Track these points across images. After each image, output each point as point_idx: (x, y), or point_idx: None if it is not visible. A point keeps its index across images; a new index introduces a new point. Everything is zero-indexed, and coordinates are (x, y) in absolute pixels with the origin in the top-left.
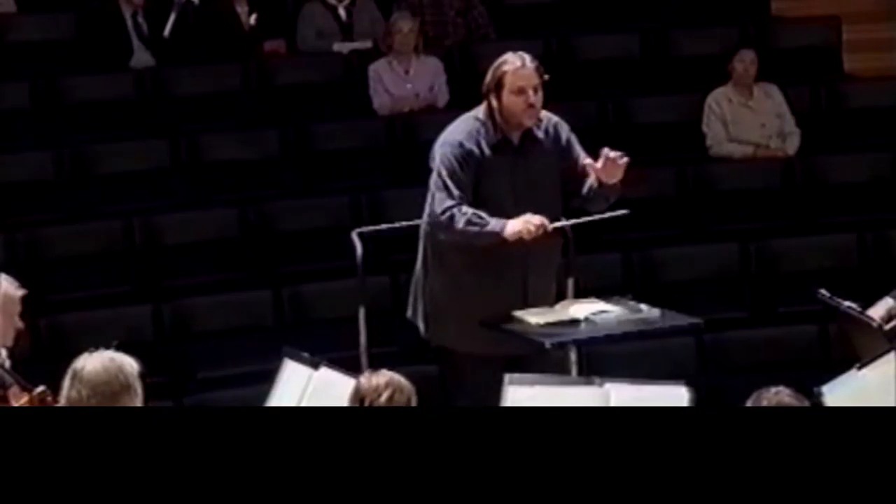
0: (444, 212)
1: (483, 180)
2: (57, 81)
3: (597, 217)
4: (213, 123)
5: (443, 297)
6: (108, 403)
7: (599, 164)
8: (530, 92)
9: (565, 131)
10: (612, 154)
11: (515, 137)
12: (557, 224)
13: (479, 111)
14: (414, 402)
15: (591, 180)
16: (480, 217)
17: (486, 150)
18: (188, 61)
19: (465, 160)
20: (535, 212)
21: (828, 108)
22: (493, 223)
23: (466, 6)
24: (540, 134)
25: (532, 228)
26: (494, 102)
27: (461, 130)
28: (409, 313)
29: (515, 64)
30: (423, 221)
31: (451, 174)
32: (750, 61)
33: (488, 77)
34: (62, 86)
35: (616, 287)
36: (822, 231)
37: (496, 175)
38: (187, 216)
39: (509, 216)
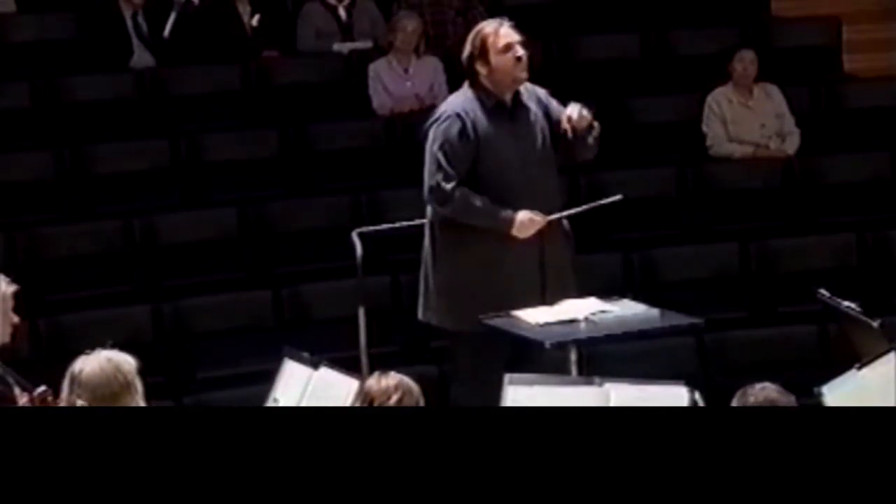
0: (439, 187)
1: (487, 149)
2: (57, 81)
3: (594, 204)
4: (213, 123)
5: (457, 274)
6: (109, 404)
7: (568, 129)
8: (517, 46)
9: (544, 94)
10: (573, 117)
11: (508, 100)
12: (555, 216)
13: (465, 86)
14: (421, 405)
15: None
16: (484, 202)
17: (484, 119)
18: (188, 61)
19: (464, 132)
20: (541, 176)
21: (827, 109)
22: (502, 215)
23: (466, 6)
24: (526, 99)
25: (538, 223)
26: (483, 69)
27: (456, 104)
28: (421, 313)
29: (493, 25)
30: (425, 218)
31: (448, 149)
32: (749, 61)
33: (467, 48)
34: (62, 86)
35: (616, 287)
36: (822, 231)
37: (501, 141)
38: (187, 216)
39: (518, 183)
